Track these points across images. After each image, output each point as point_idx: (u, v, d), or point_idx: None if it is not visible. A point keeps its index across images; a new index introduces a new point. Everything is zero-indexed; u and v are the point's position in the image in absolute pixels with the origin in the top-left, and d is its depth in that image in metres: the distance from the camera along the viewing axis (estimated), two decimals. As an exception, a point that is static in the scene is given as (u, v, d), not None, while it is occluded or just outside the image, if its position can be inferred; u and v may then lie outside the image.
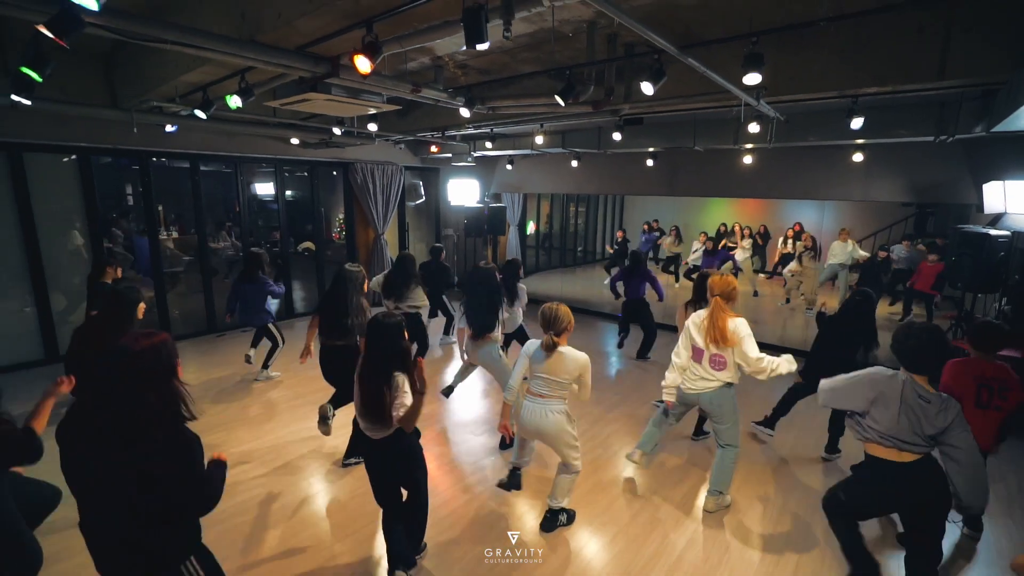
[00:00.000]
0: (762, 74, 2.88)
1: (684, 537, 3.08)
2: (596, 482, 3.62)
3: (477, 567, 2.73)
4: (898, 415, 2.17)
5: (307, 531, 3.06)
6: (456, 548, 2.89)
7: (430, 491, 2.74)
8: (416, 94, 4.11)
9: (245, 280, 5.20)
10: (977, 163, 5.43)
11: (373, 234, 8.85)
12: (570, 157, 7.74)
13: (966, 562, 2.95)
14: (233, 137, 6.81)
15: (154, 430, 1.52)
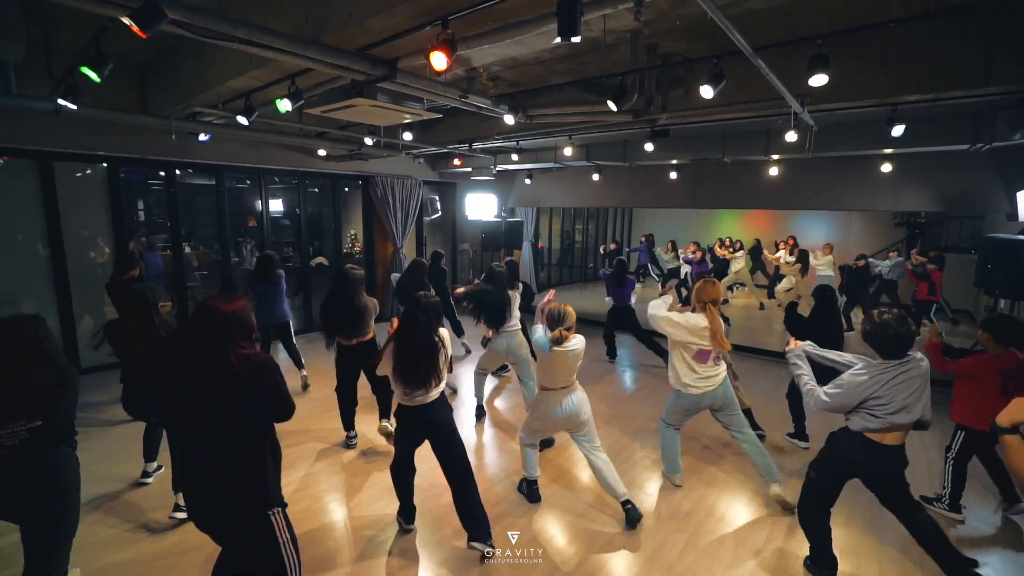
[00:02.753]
0: (828, 76, 2.89)
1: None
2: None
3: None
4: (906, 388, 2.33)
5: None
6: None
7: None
8: (463, 100, 4.12)
9: (261, 281, 5.18)
10: (1009, 171, 5.48)
11: (392, 248, 8.81)
12: (591, 170, 7.78)
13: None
14: (259, 148, 6.81)
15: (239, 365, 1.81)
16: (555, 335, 2.94)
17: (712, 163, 6.87)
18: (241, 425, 1.82)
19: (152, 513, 3.17)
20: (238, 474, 1.82)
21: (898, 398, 2.32)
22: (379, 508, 3.25)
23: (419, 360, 2.61)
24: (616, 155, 6.90)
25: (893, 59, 3.74)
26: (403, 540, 2.94)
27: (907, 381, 2.33)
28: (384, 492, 3.38)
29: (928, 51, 3.63)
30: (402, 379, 2.63)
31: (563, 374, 3.07)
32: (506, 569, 2.69)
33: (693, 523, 3.18)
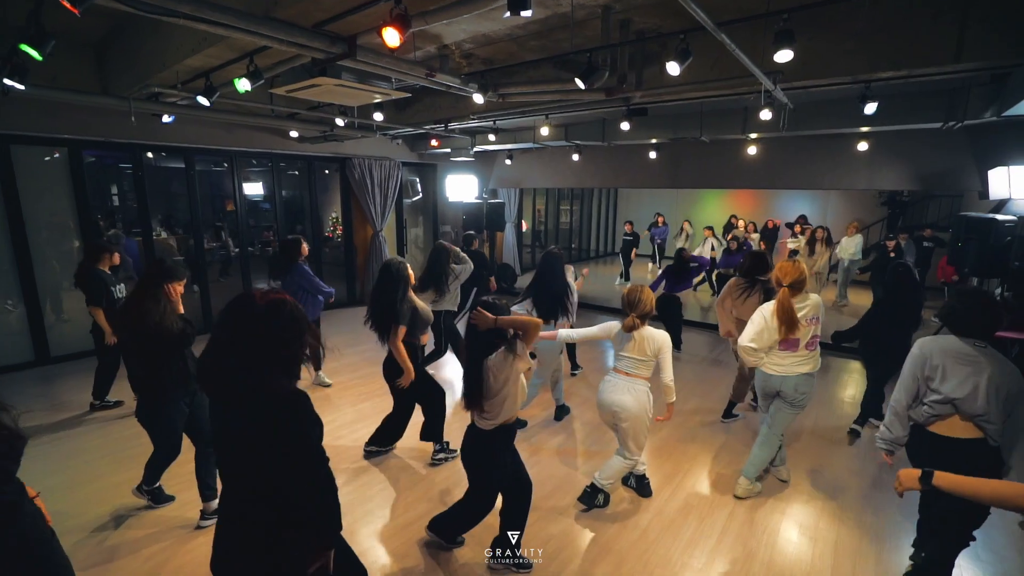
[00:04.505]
0: (793, 51, 2.84)
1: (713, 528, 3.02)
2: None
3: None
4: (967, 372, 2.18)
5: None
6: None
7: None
8: (430, 79, 4.01)
9: (280, 274, 4.80)
10: (981, 150, 5.50)
11: (371, 231, 8.71)
12: (571, 150, 7.70)
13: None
14: (230, 130, 6.64)
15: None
16: (628, 323, 2.93)
17: (691, 142, 6.81)
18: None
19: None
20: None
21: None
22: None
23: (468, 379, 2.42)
24: (594, 135, 6.82)
25: (865, 35, 3.69)
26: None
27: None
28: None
29: (901, 27, 3.58)
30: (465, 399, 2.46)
31: (627, 362, 2.98)
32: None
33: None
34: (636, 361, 2.97)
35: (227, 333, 1.40)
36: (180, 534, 2.91)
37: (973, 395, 2.15)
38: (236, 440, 1.44)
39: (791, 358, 3.12)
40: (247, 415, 1.40)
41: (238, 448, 1.44)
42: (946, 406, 2.21)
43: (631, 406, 2.94)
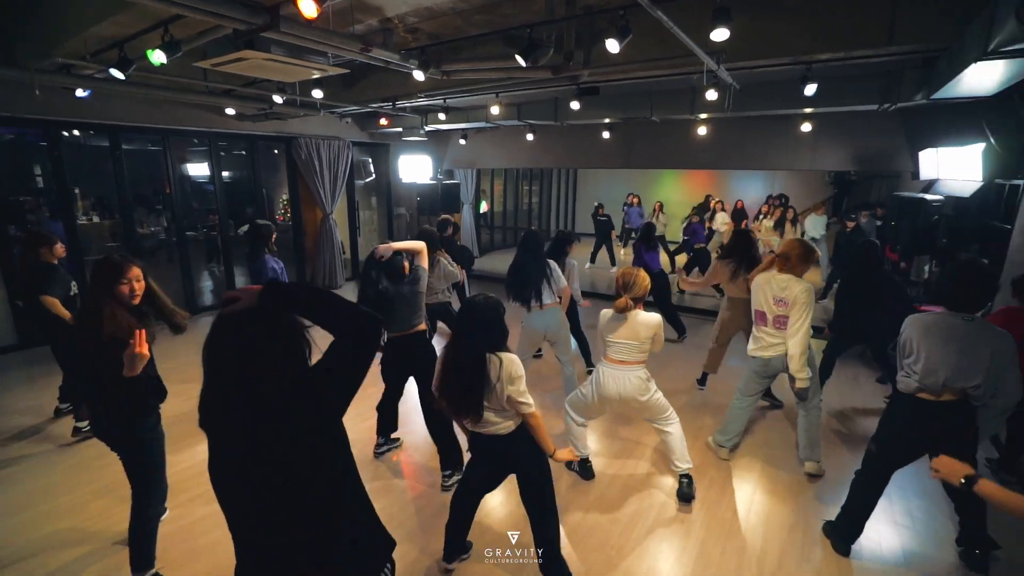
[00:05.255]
0: (730, 29, 2.82)
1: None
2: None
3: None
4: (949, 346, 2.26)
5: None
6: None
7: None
8: (365, 54, 3.82)
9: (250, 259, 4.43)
10: (914, 132, 5.70)
11: (321, 214, 8.40)
12: (526, 130, 7.58)
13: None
14: (159, 106, 6.20)
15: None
16: (621, 304, 2.81)
17: (643, 123, 6.81)
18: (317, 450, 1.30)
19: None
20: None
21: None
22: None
23: (458, 381, 2.12)
24: (547, 114, 6.73)
25: (805, 16, 3.71)
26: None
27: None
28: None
29: (838, 9, 3.62)
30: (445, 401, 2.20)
31: (621, 348, 2.89)
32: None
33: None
34: (628, 346, 2.88)
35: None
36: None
37: (962, 370, 2.24)
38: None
39: (771, 337, 3.21)
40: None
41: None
42: (934, 381, 2.29)
43: (637, 394, 2.92)
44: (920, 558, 2.68)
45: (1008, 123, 4.30)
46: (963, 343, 2.25)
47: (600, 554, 2.69)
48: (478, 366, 2.07)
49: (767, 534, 2.84)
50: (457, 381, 2.10)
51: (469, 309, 2.13)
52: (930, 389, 2.32)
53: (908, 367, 2.40)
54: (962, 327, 2.27)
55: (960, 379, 2.25)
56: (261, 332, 1.25)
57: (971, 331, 2.26)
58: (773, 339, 3.21)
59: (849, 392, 4.68)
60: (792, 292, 3.09)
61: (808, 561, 2.64)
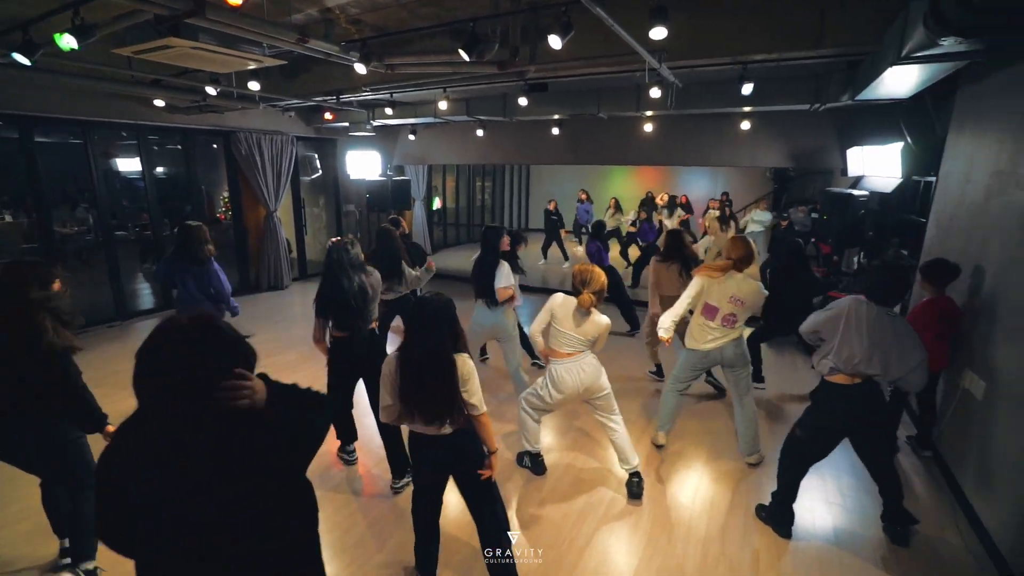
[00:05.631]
0: (667, 28, 2.87)
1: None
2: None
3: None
4: (870, 335, 2.42)
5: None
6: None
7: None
8: (303, 46, 3.66)
9: (186, 260, 4.00)
10: (842, 131, 6.04)
11: (264, 212, 8.04)
12: (475, 126, 7.52)
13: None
14: (79, 96, 5.75)
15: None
16: (585, 300, 2.82)
17: (591, 119, 6.89)
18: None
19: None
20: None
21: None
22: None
23: (424, 383, 2.04)
24: (496, 110, 6.69)
25: (742, 18, 3.84)
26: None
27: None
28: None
29: (772, 12, 3.76)
30: (405, 406, 2.08)
31: (574, 341, 2.90)
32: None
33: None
34: (579, 341, 2.91)
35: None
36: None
37: (875, 360, 2.42)
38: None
39: (715, 331, 3.29)
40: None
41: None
42: (848, 366, 2.47)
43: (593, 381, 2.99)
44: (850, 536, 2.84)
45: (922, 124, 4.61)
46: (880, 334, 2.42)
47: (553, 549, 2.70)
48: (448, 367, 2.04)
49: (711, 520, 2.94)
50: (425, 385, 2.03)
51: (423, 308, 2.08)
52: (848, 374, 2.50)
53: (830, 355, 2.54)
54: (884, 319, 2.44)
55: (874, 368, 2.44)
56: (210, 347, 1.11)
57: (887, 324, 2.44)
58: (717, 332, 3.31)
59: (788, 378, 4.92)
60: (747, 291, 3.21)
61: (749, 545, 2.75)
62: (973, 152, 3.53)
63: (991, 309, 2.94)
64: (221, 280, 4.15)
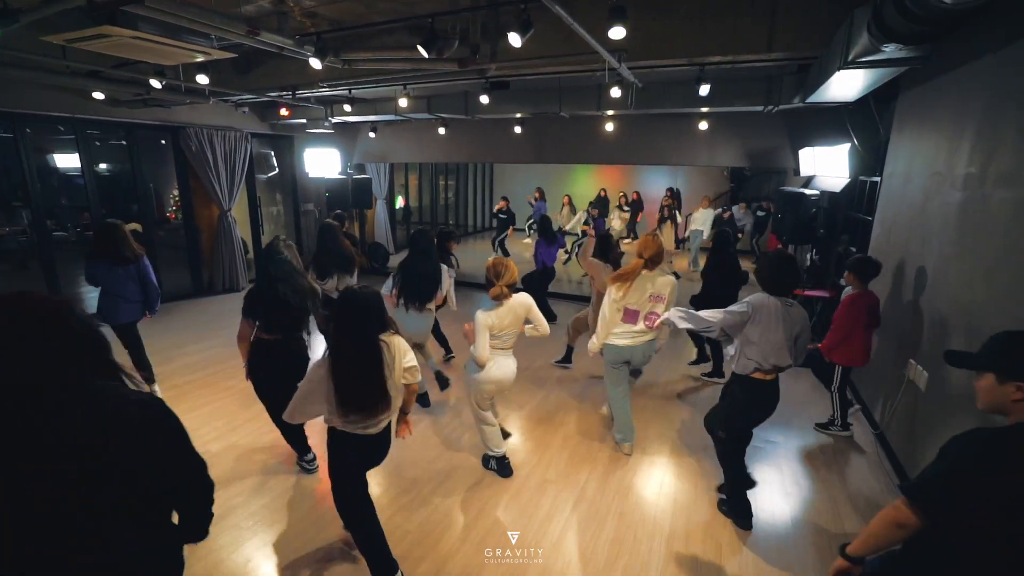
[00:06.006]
0: (626, 28, 2.89)
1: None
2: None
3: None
4: (778, 327, 2.52)
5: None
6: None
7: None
8: (253, 38, 3.52)
9: (112, 259, 3.82)
10: (794, 132, 6.25)
11: (218, 211, 7.72)
12: (437, 124, 7.42)
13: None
14: (6, 87, 5.36)
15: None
16: (496, 292, 2.92)
17: (553, 118, 6.91)
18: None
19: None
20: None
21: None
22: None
23: (359, 376, 2.07)
24: (458, 108, 6.62)
25: (698, 20, 3.91)
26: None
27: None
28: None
29: (726, 15, 3.84)
30: (343, 405, 2.07)
31: (508, 336, 3.04)
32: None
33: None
34: (512, 334, 3.06)
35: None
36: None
37: (784, 351, 2.53)
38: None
39: (634, 330, 3.31)
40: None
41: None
42: (767, 363, 2.55)
43: (512, 377, 3.17)
44: (807, 525, 2.93)
45: (867, 126, 4.83)
46: (786, 324, 2.54)
47: (520, 550, 2.69)
48: (376, 353, 2.07)
49: (675, 516, 2.98)
50: (361, 377, 2.06)
51: (353, 300, 2.10)
52: (764, 369, 2.59)
53: (746, 351, 2.60)
54: (783, 310, 2.55)
55: (785, 360, 2.57)
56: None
57: (792, 315, 2.57)
58: (636, 330, 3.34)
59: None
60: (662, 285, 3.29)
61: (712, 537, 2.80)
62: (913, 154, 3.72)
63: (931, 303, 3.10)
64: (153, 277, 4.06)
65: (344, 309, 2.09)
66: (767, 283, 2.61)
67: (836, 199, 5.59)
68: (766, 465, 3.47)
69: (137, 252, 3.97)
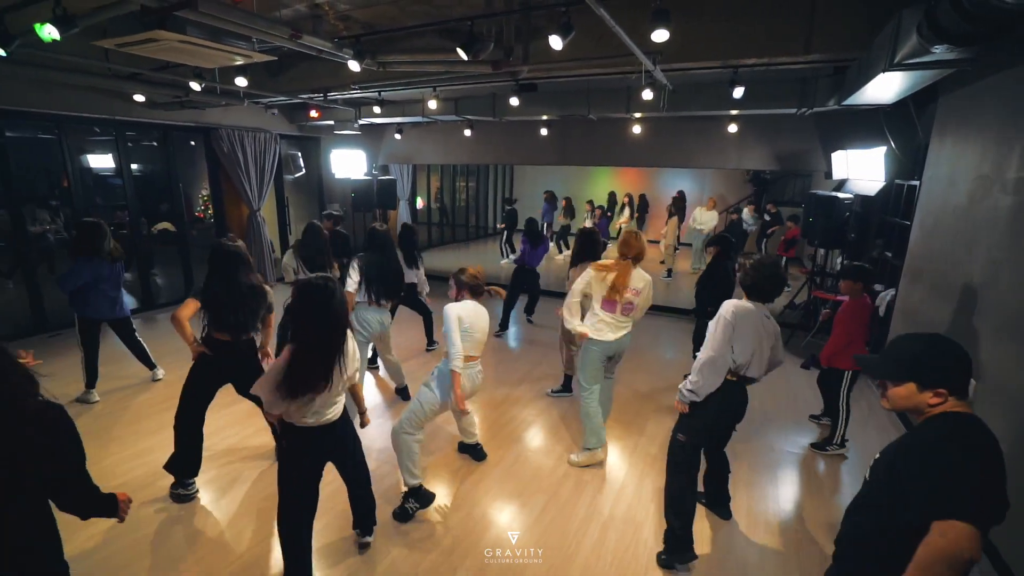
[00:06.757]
0: (668, 31, 2.89)
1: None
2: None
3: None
4: (754, 337, 2.43)
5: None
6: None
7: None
8: (295, 41, 3.57)
9: (85, 256, 3.98)
10: (826, 134, 6.16)
11: (247, 211, 7.86)
12: (463, 125, 7.47)
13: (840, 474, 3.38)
14: (52, 90, 5.53)
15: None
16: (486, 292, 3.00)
17: (579, 120, 6.91)
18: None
19: None
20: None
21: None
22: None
23: (327, 367, 2.13)
24: (485, 109, 6.66)
25: (733, 23, 3.89)
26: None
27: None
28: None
29: (763, 17, 3.81)
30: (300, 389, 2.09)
31: (474, 345, 2.90)
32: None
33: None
34: (482, 341, 2.95)
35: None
36: None
37: (755, 363, 2.46)
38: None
39: (617, 321, 3.33)
40: None
41: None
42: (740, 368, 2.46)
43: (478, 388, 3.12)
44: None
45: (905, 129, 4.74)
46: (764, 336, 2.46)
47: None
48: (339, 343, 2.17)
49: (660, 509, 2.90)
50: (318, 359, 2.10)
51: (319, 290, 2.09)
52: (737, 372, 2.48)
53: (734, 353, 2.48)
54: (765, 320, 2.48)
55: (755, 371, 2.48)
56: None
57: (769, 325, 2.49)
58: (619, 322, 3.33)
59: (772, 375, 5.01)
60: (643, 283, 3.31)
61: (696, 532, 2.69)
62: (956, 157, 3.64)
63: (978, 308, 3.03)
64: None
65: (307, 299, 2.09)
66: (754, 291, 2.48)
67: (870, 203, 5.50)
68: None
69: (117, 252, 4.19)
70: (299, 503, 2.26)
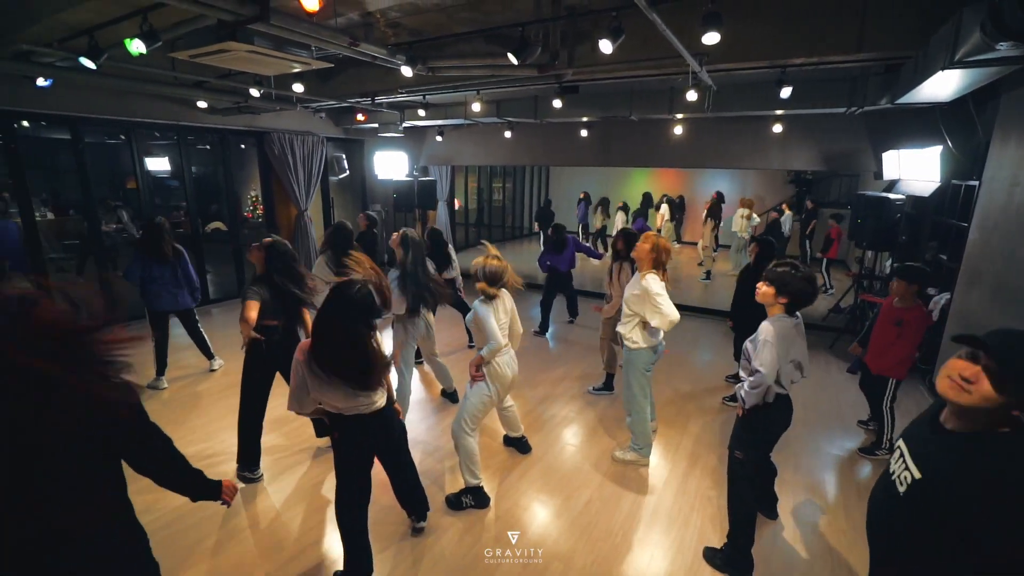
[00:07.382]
0: (720, 33, 2.91)
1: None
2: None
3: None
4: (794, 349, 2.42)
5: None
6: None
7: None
8: (354, 48, 3.76)
9: (150, 257, 4.38)
10: (877, 134, 6.00)
11: (295, 211, 8.20)
12: (503, 127, 7.60)
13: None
14: (123, 98, 5.93)
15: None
16: (492, 294, 2.94)
17: (620, 121, 6.93)
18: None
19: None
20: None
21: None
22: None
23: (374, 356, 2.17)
24: (527, 111, 6.76)
25: (782, 22, 3.86)
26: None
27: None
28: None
29: (812, 16, 3.78)
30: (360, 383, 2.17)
31: (505, 331, 3.01)
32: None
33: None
34: (508, 327, 3.06)
35: None
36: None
37: (797, 370, 2.45)
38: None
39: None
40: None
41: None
42: (784, 381, 2.42)
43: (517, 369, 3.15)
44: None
45: (963, 128, 4.58)
46: (799, 340, 2.43)
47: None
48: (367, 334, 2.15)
49: (702, 507, 2.92)
50: (367, 355, 2.13)
51: (350, 295, 2.11)
52: (786, 386, 2.44)
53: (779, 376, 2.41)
54: (795, 329, 2.42)
55: (797, 376, 2.46)
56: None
57: (800, 331, 2.45)
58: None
59: (820, 380, 4.94)
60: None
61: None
62: (1021, 156, 3.52)
63: (1042, 313, 2.94)
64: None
65: (345, 301, 2.11)
66: (794, 299, 2.37)
67: (923, 204, 5.33)
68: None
69: (177, 250, 4.55)
70: (357, 489, 2.37)
